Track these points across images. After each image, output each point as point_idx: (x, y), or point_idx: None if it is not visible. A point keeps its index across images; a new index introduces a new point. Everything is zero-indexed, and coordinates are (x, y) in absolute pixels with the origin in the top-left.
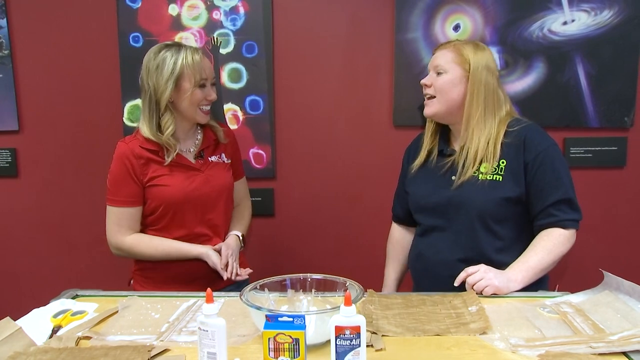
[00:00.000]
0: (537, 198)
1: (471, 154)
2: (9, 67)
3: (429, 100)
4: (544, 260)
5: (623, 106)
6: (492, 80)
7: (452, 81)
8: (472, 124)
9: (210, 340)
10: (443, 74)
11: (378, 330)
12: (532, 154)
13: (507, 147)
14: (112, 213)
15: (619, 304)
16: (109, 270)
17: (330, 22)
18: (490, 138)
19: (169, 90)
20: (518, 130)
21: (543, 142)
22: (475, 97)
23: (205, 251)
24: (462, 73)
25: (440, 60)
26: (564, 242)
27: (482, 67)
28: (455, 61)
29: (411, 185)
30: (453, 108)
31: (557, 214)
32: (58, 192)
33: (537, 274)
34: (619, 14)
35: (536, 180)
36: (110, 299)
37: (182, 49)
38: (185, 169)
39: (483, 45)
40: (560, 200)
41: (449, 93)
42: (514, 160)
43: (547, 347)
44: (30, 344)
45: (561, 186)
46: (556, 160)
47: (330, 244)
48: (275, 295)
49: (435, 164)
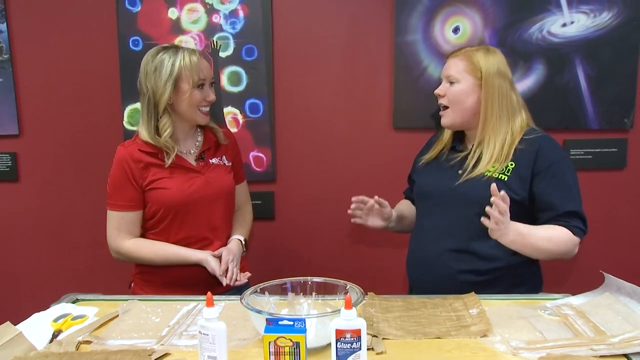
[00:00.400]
0: (548, 209)
1: (485, 156)
2: (9, 71)
3: (444, 111)
4: (540, 242)
5: (623, 107)
6: (505, 85)
7: (465, 91)
8: (487, 129)
9: (210, 344)
10: (455, 83)
11: (379, 333)
12: (544, 163)
13: (520, 152)
14: (113, 217)
15: (620, 306)
16: (109, 273)
17: (329, 25)
18: (505, 143)
19: (167, 92)
20: (533, 138)
21: (556, 153)
22: (490, 104)
23: (204, 257)
24: (474, 82)
25: (452, 70)
26: (566, 241)
27: (494, 74)
28: (466, 70)
29: (419, 175)
30: (468, 116)
31: (568, 221)
32: (58, 196)
33: (526, 248)
34: (618, 16)
35: (548, 191)
36: (110, 303)
37: (180, 51)
38: (186, 171)
39: (494, 49)
40: (570, 212)
41: (463, 103)
42: (523, 166)
43: (548, 350)
44: (31, 348)
45: (572, 199)
46: (568, 173)
47: (331, 247)
48: (275, 298)
49: (446, 157)
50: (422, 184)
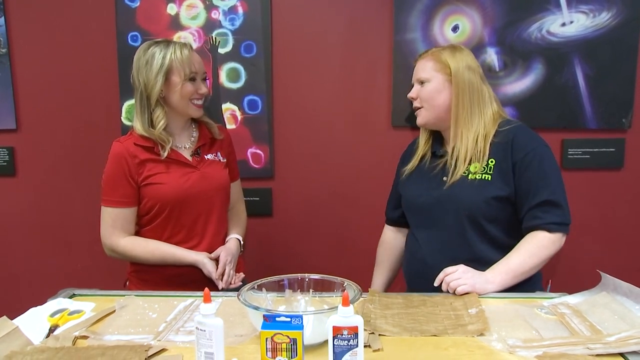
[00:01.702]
0: (524, 199)
1: (461, 153)
2: (6, 65)
3: (418, 111)
4: (525, 263)
5: (621, 107)
6: (475, 79)
7: (436, 89)
8: (460, 124)
9: (207, 340)
10: (426, 83)
11: (375, 329)
12: (520, 154)
13: (496, 146)
14: (107, 214)
15: (616, 305)
16: (106, 270)
17: (328, 23)
18: (478, 135)
19: (158, 84)
20: (507, 130)
21: (531, 142)
22: (460, 98)
23: (200, 259)
24: (444, 78)
25: (421, 72)
26: (548, 245)
27: (463, 68)
28: (435, 69)
29: (404, 187)
30: (441, 113)
31: (542, 216)
32: (56, 191)
33: (518, 277)
34: (617, 16)
35: (523, 181)
36: (107, 299)
37: (171, 45)
38: (181, 166)
39: (461, 47)
40: (545, 201)
41: (435, 100)
42: (503, 160)
43: (544, 348)
44: (27, 343)
45: (547, 187)
46: (544, 161)
47: (328, 244)
48: (273, 295)
49: (428, 165)
50: (409, 196)
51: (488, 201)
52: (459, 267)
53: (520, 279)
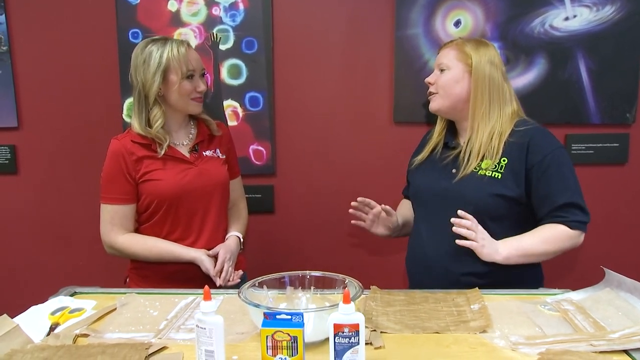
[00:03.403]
0: (544, 202)
1: (475, 148)
2: (7, 63)
3: (432, 97)
4: (536, 246)
5: (625, 102)
6: (496, 75)
7: (454, 77)
8: (477, 118)
9: (208, 338)
10: (446, 70)
11: (377, 326)
12: (537, 157)
13: (511, 146)
14: (106, 211)
15: (620, 301)
16: (107, 267)
17: (330, 18)
18: (494, 133)
19: (156, 83)
20: (524, 131)
21: (549, 145)
22: (479, 91)
23: (199, 256)
24: (464, 68)
25: (443, 59)
26: (564, 238)
27: (485, 62)
28: (457, 58)
29: (413, 176)
30: (458, 103)
31: (565, 215)
32: (57, 189)
33: (526, 257)
34: (621, 10)
35: (542, 185)
36: (108, 297)
37: (168, 42)
38: (179, 162)
39: (486, 41)
40: (566, 203)
41: (452, 88)
42: (516, 161)
43: (547, 345)
44: (28, 341)
45: (567, 190)
46: (563, 165)
47: (330, 241)
48: (273, 292)
49: (439, 155)
50: (417, 186)
51: (495, 198)
52: (478, 227)
53: (527, 261)
